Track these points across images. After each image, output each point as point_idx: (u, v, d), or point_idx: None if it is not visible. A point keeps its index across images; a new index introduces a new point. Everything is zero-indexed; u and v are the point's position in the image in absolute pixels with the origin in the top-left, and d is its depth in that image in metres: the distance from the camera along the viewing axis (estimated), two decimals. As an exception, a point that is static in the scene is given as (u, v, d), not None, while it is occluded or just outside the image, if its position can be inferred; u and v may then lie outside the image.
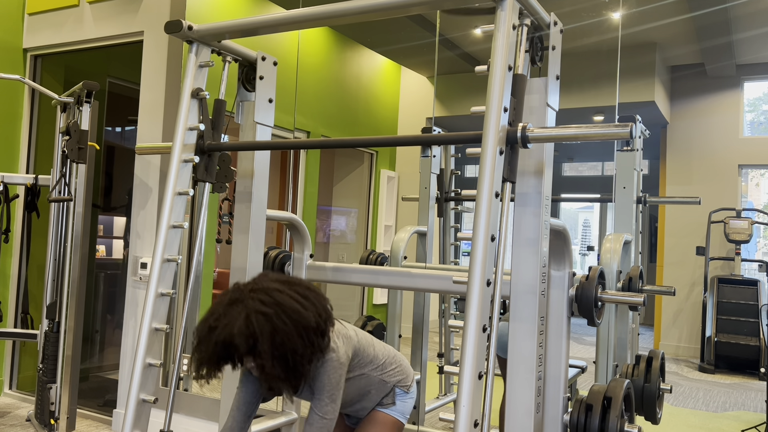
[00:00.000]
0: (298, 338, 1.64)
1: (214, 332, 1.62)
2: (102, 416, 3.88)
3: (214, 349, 1.62)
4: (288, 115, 4.14)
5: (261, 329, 1.60)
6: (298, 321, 1.65)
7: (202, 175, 2.17)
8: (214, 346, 1.62)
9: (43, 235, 3.83)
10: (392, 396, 2.08)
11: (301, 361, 1.66)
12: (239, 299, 1.65)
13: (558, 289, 1.80)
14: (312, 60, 4.88)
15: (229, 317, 1.62)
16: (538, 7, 1.67)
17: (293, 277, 1.82)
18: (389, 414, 2.07)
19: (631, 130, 1.44)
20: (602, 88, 3.80)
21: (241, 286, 1.70)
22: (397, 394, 2.08)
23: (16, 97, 4.35)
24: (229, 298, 1.67)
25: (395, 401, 2.08)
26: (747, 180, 6.11)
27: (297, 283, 1.74)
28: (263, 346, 1.60)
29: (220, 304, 1.67)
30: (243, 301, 1.64)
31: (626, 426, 1.68)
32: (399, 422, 2.09)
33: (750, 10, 4.78)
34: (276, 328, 1.61)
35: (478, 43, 4.70)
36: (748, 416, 4.17)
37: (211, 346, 1.62)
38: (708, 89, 5.81)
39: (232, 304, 1.65)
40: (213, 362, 1.67)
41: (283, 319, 1.63)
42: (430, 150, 3.59)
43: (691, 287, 5.79)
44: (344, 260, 5.73)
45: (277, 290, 1.67)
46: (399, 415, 2.09)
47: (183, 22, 2.06)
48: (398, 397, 2.08)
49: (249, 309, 1.62)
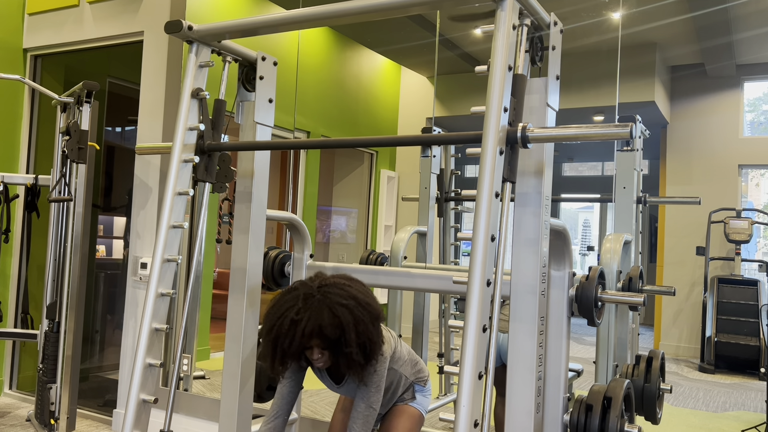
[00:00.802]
0: (372, 327, 1.78)
1: (298, 325, 1.71)
2: (102, 416, 3.88)
3: (302, 341, 1.72)
4: (288, 115, 4.14)
5: (346, 320, 1.72)
6: (371, 312, 1.79)
7: (202, 175, 2.17)
8: (302, 338, 1.71)
9: (43, 235, 3.83)
10: (412, 391, 2.18)
11: (375, 348, 1.80)
12: (312, 294, 1.76)
13: (558, 289, 1.80)
14: (312, 60, 4.88)
15: (311, 310, 1.72)
16: (538, 7, 1.67)
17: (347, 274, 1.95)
18: (414, 407, 2.18)
19: (631, 130, 1.44)
20: (602, 88, 3.80)
21: (308, 283, 1.82)
22: (416, 390, 2.19)
23: (16, 97, 4.35)
24: (303, 294, 1.76)
25: (415, 396, 2.18)
26: (747, 180, 6.12)
27: (355, 280, 1.89)
28: (350, 335, 1.72)
29: (295, 299, 1.76)
30: (320, 295, 1.75)
31: (626, 426, 1.68)
32: (422, 415, 2.19)
33: (750, 10, 4.78)
34: (357, 318, 1.74)
35: (478, 43, 4.70)
36: (748, 416, 4.17)
37: (298, 339, 1.72)
38: (708, 89, 5.81)
39: (308, 298, 1.75)
40: (297, 355, 1.78)
41: (360, 311, 1.76)
42: (430, 150, 3.59)
43: (691, 287, 5.79)
44: (344, 260, 5.73)
45: (347, 285, 1.81)
46: (422, 408, 2.19)
47: (183, 22, 2.06)
48: (418, 392, 2.19)
49: (331, 302, 1.73)
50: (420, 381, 2.20)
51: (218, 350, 4.73)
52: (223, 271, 5.67)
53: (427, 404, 2.22)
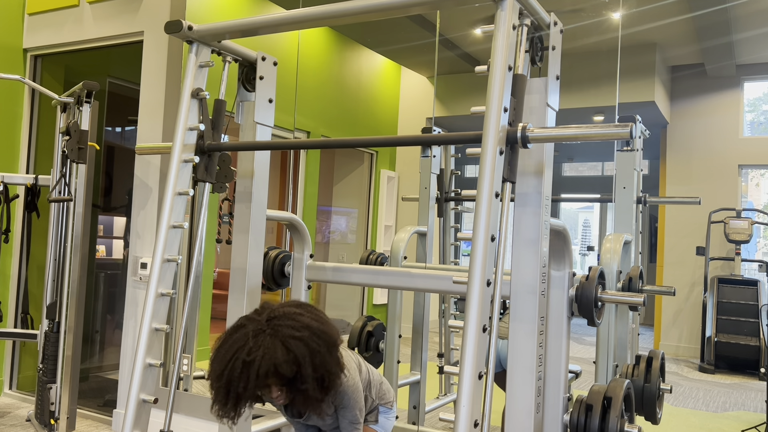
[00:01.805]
0: (330, 357, 1.66)
1: (251, 366, 1.56)
2: (102, 416, 3.88)
3: (257, 382, 1.57)
4: (288, 115, 4.14)
5: (301, 353, 1.59)
6: (326, 340, 1.66)
7: (202, 175, 2.17)
8: (256, 379, 1.57)
9: (43, 235, 3.83)
10: (376, 413, 2.14)
11: (333, 379, 1.67)
12: (261, 330, 1.61)
13: (558, 289, 1.80)
14: (312, 60, 4.88)
15: (263, 348, 1.57)
16: (538, 7, 1.67)
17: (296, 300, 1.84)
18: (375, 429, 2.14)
19: (631, 130, 1.44)
20: (602, 88, 3.81)
21: (254, 317, 1.66)
22: (381, 412, 2.15)
23: (16, 97, 4.35)
24: (252, 330, 1.61)
25: (378, 418, 2.14)
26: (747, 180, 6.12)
27: (306, 305, 1.75)
28: (306, 369, 1.59)
29: (245, 337, 1.60)
30: (270, 330, 1.61)
31: (626, 426, 1.68)
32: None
33: (750, 10, 4.78)
34: (313, 350, 1.61)
35: (478, 43, 4.70)
36: (748, 416, 4.17)
37: (253, 381, 1.57)
38: (708, 89, 5.82)
39: (258, 334, 1.60)
40: (253, 397, 1.63)
41: (315, 341, 1.62)
42: (430, 150, 3.59)
43: (691, 287, 5.79)
44: (344, 260, 5.73)
45: (298, 314, 1.66)
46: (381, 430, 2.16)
47: (183, 22, 2.06)
48: (382, 414, 2.16)
49: (283, 336, 1.59)
50: (385, 403, 2.16)
51: (218, 350, 4.72)
52: (223, 271, 5.67)
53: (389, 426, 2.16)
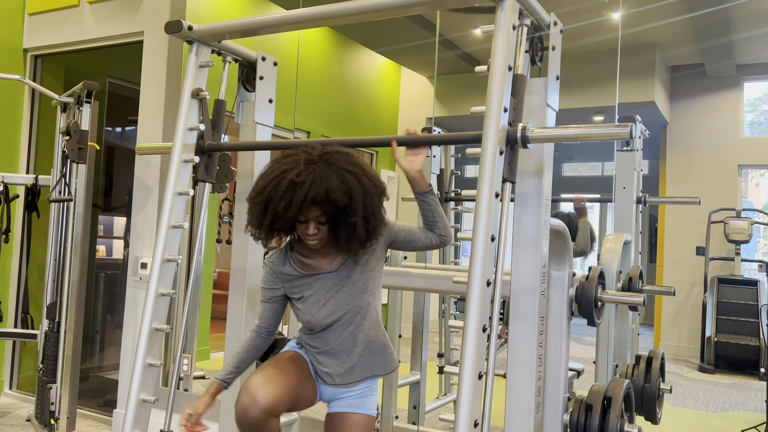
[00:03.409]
0: (378, 201, 1.63)
1: (299, 187, 1.53)
2: (102, 416, 3.88)
3: (301, 205, 1.53)
4: (288, 115, 4.14)
5: (355, 186, 1.56)
6: (377, 185, 1.63)
7: (202, 175, 2.17)
8: (302, 201, 1.52)
9: (43, 235, 3.83)
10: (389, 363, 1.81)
11: (378, 225, 1.63)
12: (313, 160, 1.57)
13: (558, 289, 1.80)
14: (312, 60, 4.88)
15: (315, 174, 1.54)
16: (538, 7, 1.67)
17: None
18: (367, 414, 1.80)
19: (631, 130, 1.44)
20: (602, 88, 3.80)
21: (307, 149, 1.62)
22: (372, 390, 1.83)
23: (16, 97, 4.35)
24: (304, 159, 1.57)
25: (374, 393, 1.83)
26: (747, 180, 6.12)
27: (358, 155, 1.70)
28: (357, 203, 1.56)
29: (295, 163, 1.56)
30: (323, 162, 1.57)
31: (626, 426, 1.69)
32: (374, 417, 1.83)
33: (750, 10, 4.78)
34: (365, 187, 1.58)
35: (478, 43, 4.70)
36: (748, 416, 4.17)
37: (297, 202, 1.52)
38: (708, 89, 5.81)
39: (310, 164, 1.56)
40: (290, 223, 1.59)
41: (368, 181, 1.60)
42: (430, 150, 3.59)
43: (691, 287, 5.79)
44: (344, 260, 5.72)
45: (352, 155, 1.63)
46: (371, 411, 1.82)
47: (183, 22, 2.06)
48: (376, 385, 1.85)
49: (337, 167, 1.56)
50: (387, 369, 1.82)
51: (218, 350, 4.73)
52: (223, 271, 5.67)
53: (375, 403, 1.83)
